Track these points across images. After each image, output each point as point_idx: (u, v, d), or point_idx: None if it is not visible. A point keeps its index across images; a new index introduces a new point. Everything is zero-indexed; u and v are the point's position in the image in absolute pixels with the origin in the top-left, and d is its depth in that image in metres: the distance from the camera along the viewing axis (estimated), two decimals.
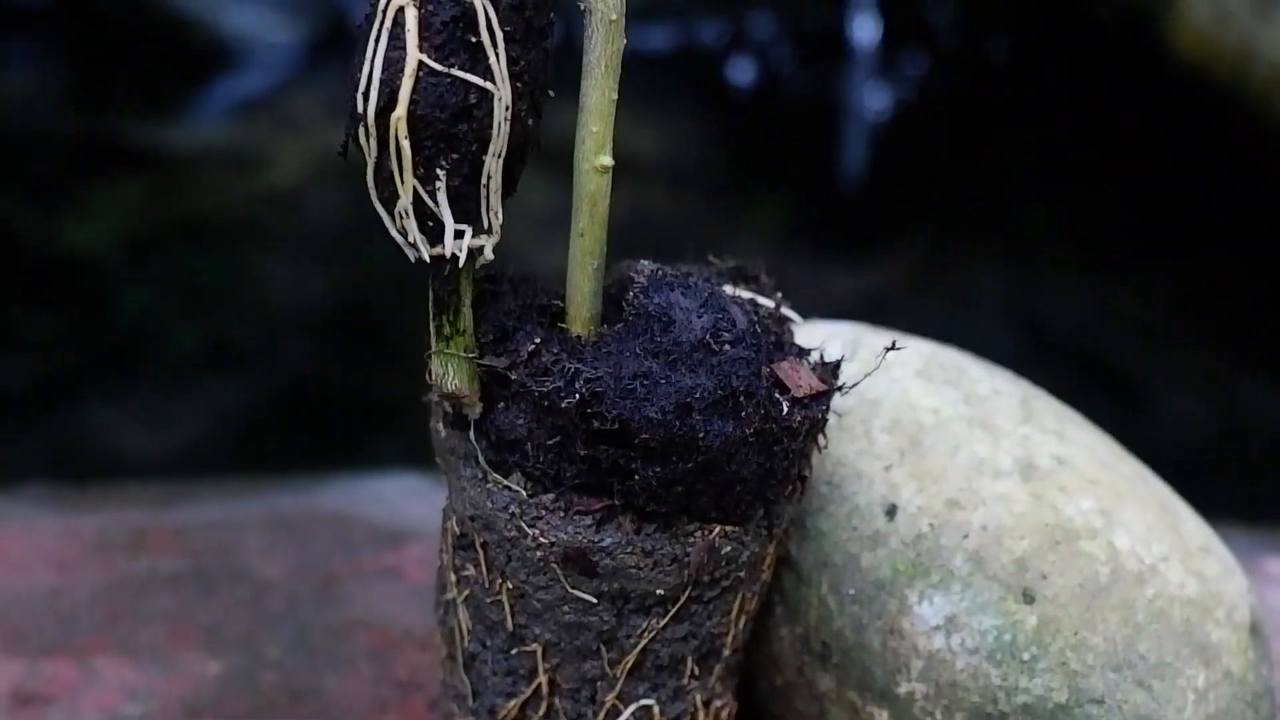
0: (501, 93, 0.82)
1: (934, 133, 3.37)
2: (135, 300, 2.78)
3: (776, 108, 3.41)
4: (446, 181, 0.83)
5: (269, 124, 3.45)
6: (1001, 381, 1.11)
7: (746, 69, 3.54)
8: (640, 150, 3.15)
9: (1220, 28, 2.73)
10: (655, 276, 0.92)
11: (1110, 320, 2.65)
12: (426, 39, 0.81)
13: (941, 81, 3.47)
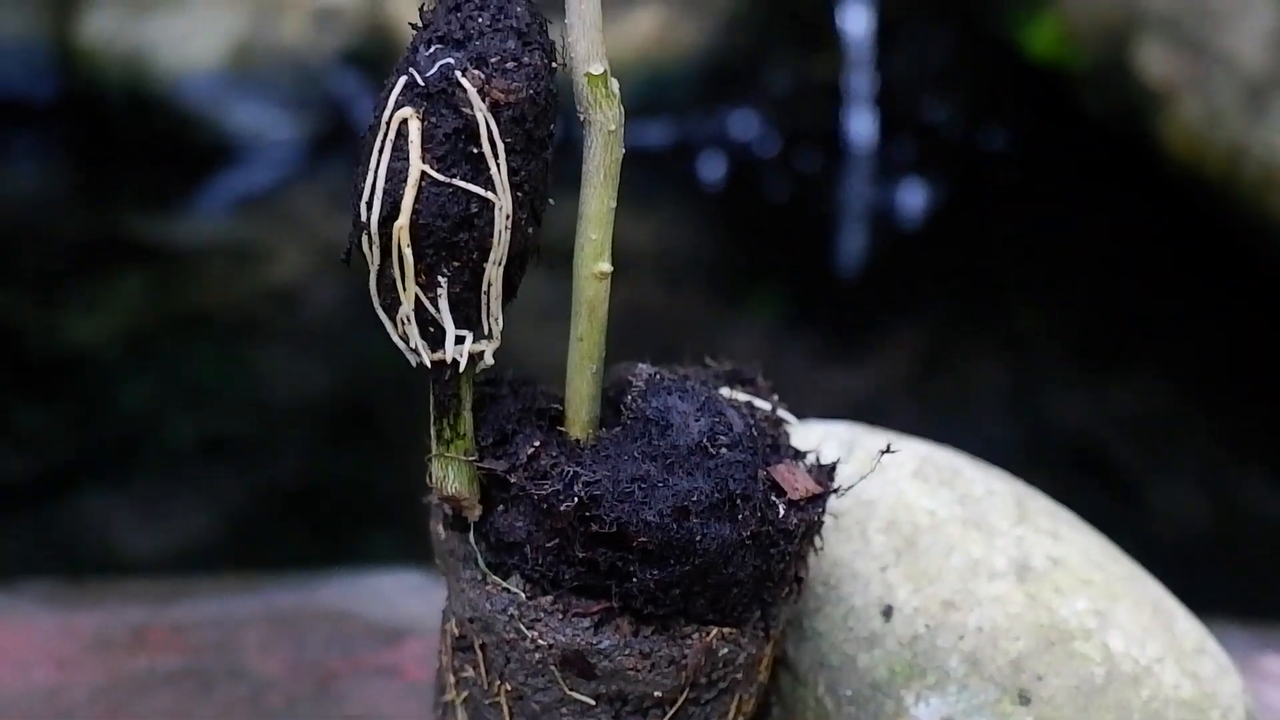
0: (502, 202, 0.84)
1: (931, 227, 3.40)
2: (135, 394, 2.79)
3: (773, 203, 3.44)
4: (448, 288, 0.85)
5: (270, 220, 3.48)
6: (996, 482, 1.12)
7: (742, 165, 3.57)
8: (637, 246, 3.18)
9: (1211, 126, 2.77)
10: (653, 380, 0.93)
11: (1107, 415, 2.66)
12: (429, 150, 0.82)
13: (938, 177, 3.50)
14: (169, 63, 3.52)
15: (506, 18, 0.84)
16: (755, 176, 3.53)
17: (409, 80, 0.83)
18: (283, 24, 3.59)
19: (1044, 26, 3.31)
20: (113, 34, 3.55)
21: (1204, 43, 2.81)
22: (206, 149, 3.51)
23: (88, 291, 3.07)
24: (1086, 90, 3.26)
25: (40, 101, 3.62)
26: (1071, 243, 3.24)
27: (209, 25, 3.56)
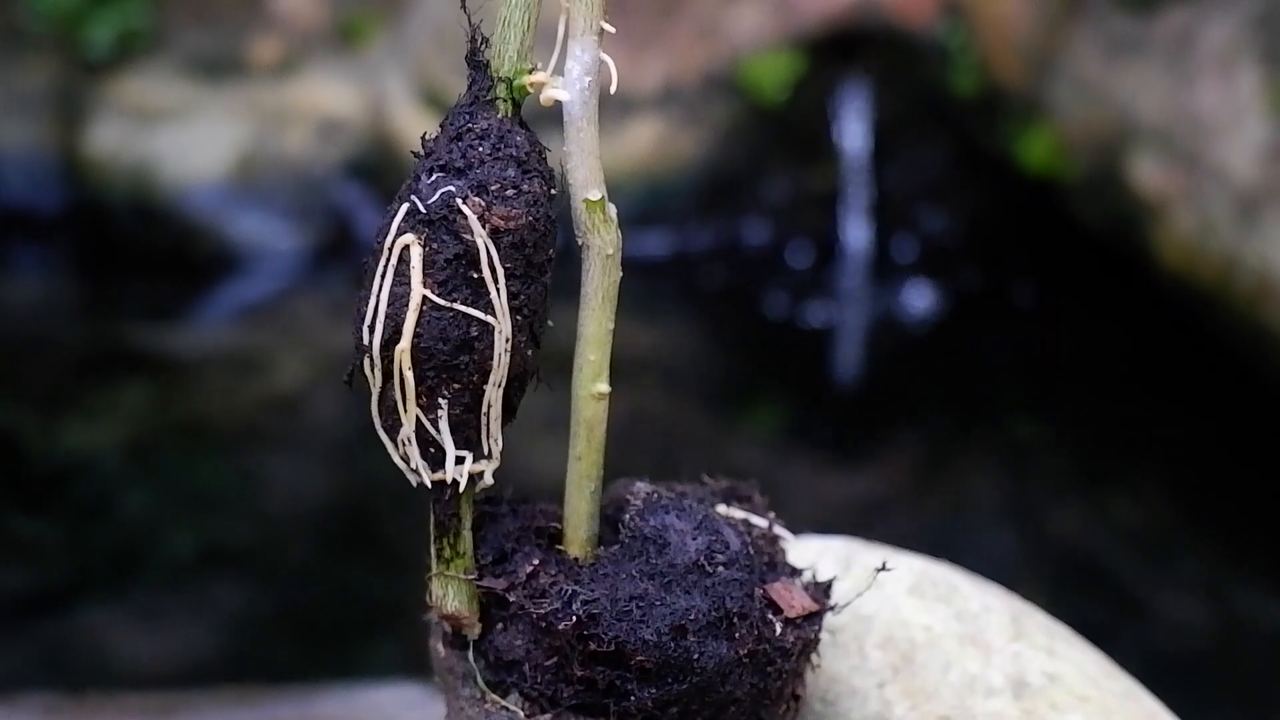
0: (502, 326, 0.85)
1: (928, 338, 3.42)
2: (134, 504, 2.80)
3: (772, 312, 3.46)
4: (448, 410, 0.86)
5: (272, 329, 3.50)
6: (992, 597, 1.13)
7: (741, 275, 3.60)
8: (637, 354, 3.19)
9: (1204, 237, 2.80)
10: (650, 499, 0.94)
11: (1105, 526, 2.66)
12: (431, 275, 0.84)
13: (935, 287, 3.52)
14: (174, 174, 3.56)
15: (507, 146, 0.86)
16: (754, 286, 3.56)
17: (411, 207, 0.85)
18: (287, 136, 3.63)
19: (1038, 139, 3.35)
20: (119, 146, 3.59)
21: (1196, 155, 2.85)
22: (210, 259, 3.54)
23: (89, 401, 3.08)
24: (1081, 201, 3.30)
25: (46, 213, 3.65)
26: (1068, 352, 3.25)
27: (214, 137, 3.61)
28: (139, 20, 3.63)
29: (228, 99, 3.65)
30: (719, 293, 3.55)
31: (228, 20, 3.70)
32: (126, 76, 3.66)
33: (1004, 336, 3.35)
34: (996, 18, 3.40)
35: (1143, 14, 3.13)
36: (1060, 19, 3.34)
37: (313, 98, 3.66)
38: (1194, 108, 2.88)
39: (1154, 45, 3.05)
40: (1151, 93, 3.00)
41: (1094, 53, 3.22)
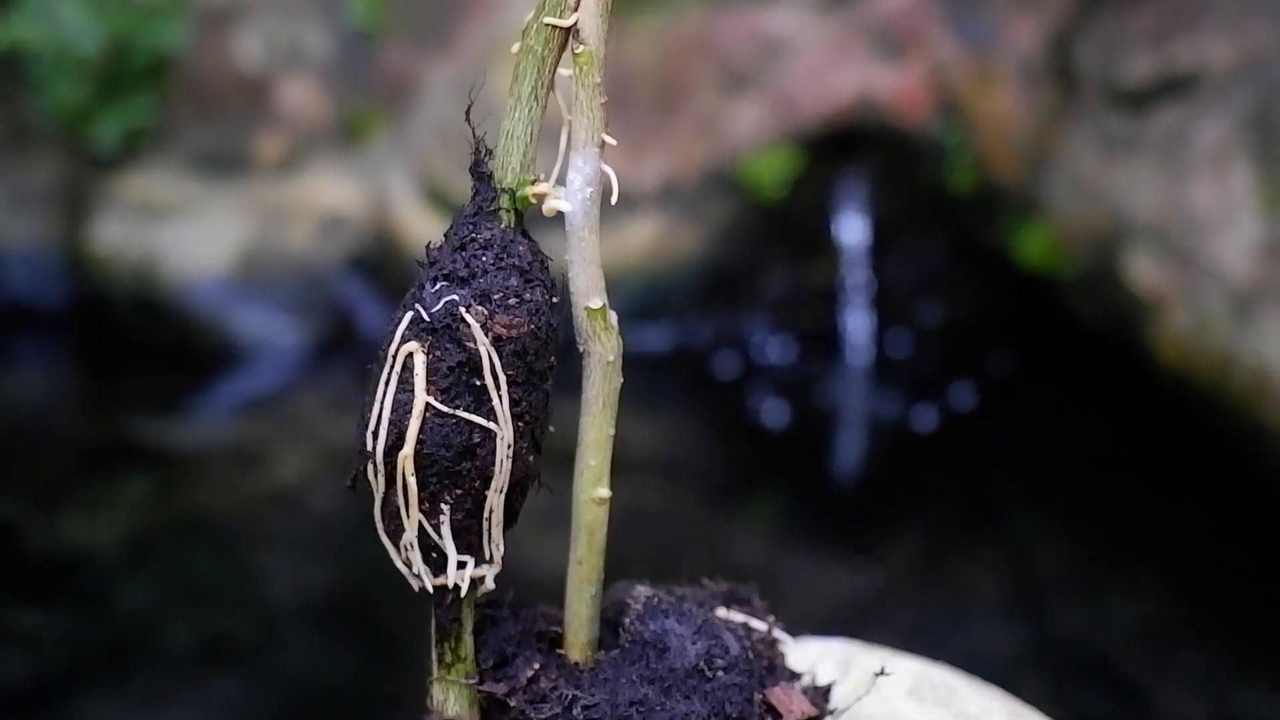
0: (504, 432, 0.87)
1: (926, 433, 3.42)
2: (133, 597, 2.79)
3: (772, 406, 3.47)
4: (450, 515, 0.87)
5: (273, 423, 3.51)
6: (991, 700, 1.13)
7: (741, 367, 3.61)
8: (637, 447, 3.20)
9: (1200, 334, 2.81)
10: (650, 603, 0.95)
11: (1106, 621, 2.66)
12: (434, 382, 0.86)
13: (933, 382, 3.54)
14: (177, 270, 3.58)
15: (509, 256, 0.88)
16: (754, 381, 3.57)
17: (415, 315, 0.86)
18: (290, 231, 3.66)
19: (1034, 235, 3.38)
20: (123, 242, 3.62)
21: (1191, 253, 2.87)
22: (212, 354, 3.56)
23: (89, 494, 3.09)
24: (1078, 297, 3.32)
25: (50, 307, 3.68)
26: (1067, 447, 3.26)
27: (218, 233, 3.63)
28: (145, 117, 3.67)
29: (232, 195, 3.68)
30: (719, 387, 3.56)
31: (233, 117, 3.74)
32: (132, 172, 3.69)
33: (1002, 431, 3.36)
34: (992, 116, 3.44)
35: (1136, 113, 3.17)
36: (1055, 117, 3.38)
37: (316, 194, 3.69)
38: (1188, 205, 2.91)
39: (1148, 144, 3.09)
40: (1146, 190, 3.03)
41: (1089, 151, 3.25)
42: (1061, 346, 3.46)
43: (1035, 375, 3.51)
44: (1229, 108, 2.92)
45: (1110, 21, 3.33)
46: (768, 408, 3.45)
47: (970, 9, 3.51)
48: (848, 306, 3.60)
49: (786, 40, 3.54)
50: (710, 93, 3.56)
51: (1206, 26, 3.09)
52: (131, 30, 3.60)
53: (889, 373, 3.59)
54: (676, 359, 3.63)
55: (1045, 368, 3.52)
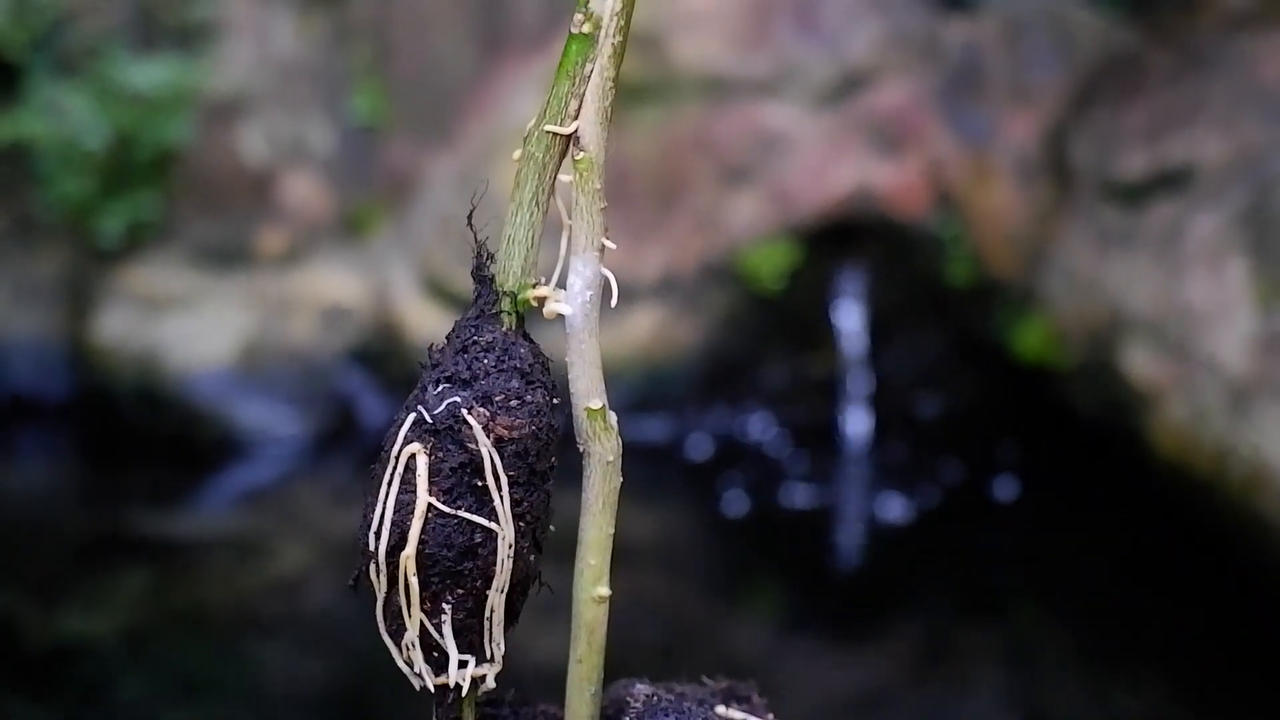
0: (506, 532, 0.88)
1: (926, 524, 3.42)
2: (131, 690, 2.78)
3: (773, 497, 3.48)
4: (452, 615, 0.88)
5: (274, 514, 3.51)
6: None
7: (739, 458, 3.62)
8: (638, 539, 3.20)
9: (1197, 426, 2.82)
10: (650, 701, 0.95)
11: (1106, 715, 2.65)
12: (436, 483, 0.87)
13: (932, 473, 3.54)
14: (180, 361, 3.60)
15: (510, 359, 0.89)
16: (753, 471, 3.58)
17: (418, 417, 0.88)
18: (292, 323, 3.68)
19: (1032, 328, 3.40)
20: (126, 334, 3.64)
21: (1187, 346, 2.89)
22: (213, 445, 3.57)
23: (89, 587, 3.08)
24: (1075, 389, 3.33)
25: (52, 399, 3.69)
26: (1066, 538, 3.26)
27: (220, 325, 3.65)
28: (149, 211, 3.71)
29: (234, 287, 3.70)
30: (718, 478, 3.57)
31: (236, 211, 3.78)
32: (135, 266, 3.72)
33: (1001, 523, 3.36)
34: (989, 210, 3.47)
35: (1132, 207, 3.20)
36: (1052, 212, 3.41)
37: (318, 286, 3.71)
38: (1184, 299, 2.93)
39: (1144, 238, 3.12)
40: (1142, 284, 3.05)
41: (1085, 244, 3.28)
42: (1060, 438, 3.47)
43: (1034, 467, 3.52)
44: (1223, 203, 2.95)
45: (1105, 118, 3.37)
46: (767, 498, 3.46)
47: (967, 105, 3.56)
48: (846, 398, 3.61)
49: (785, 135, 3.58)
50: (709, 187, 3.60)
51: (1199, 123, 3.13)
52: (137, 125, 3.64)
53: (888, 464, 3.59)
54: (675, 450, 3.64)
55: (1044, 459, 3.53)
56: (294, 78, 3.84)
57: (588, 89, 0.91)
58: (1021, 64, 3.58)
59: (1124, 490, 3.23)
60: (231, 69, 3.80)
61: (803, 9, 3.67)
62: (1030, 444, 3.57)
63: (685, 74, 3.62)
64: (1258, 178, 2.91)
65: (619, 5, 0.90)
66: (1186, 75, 3.30)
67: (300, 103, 3.84)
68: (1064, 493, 3.43)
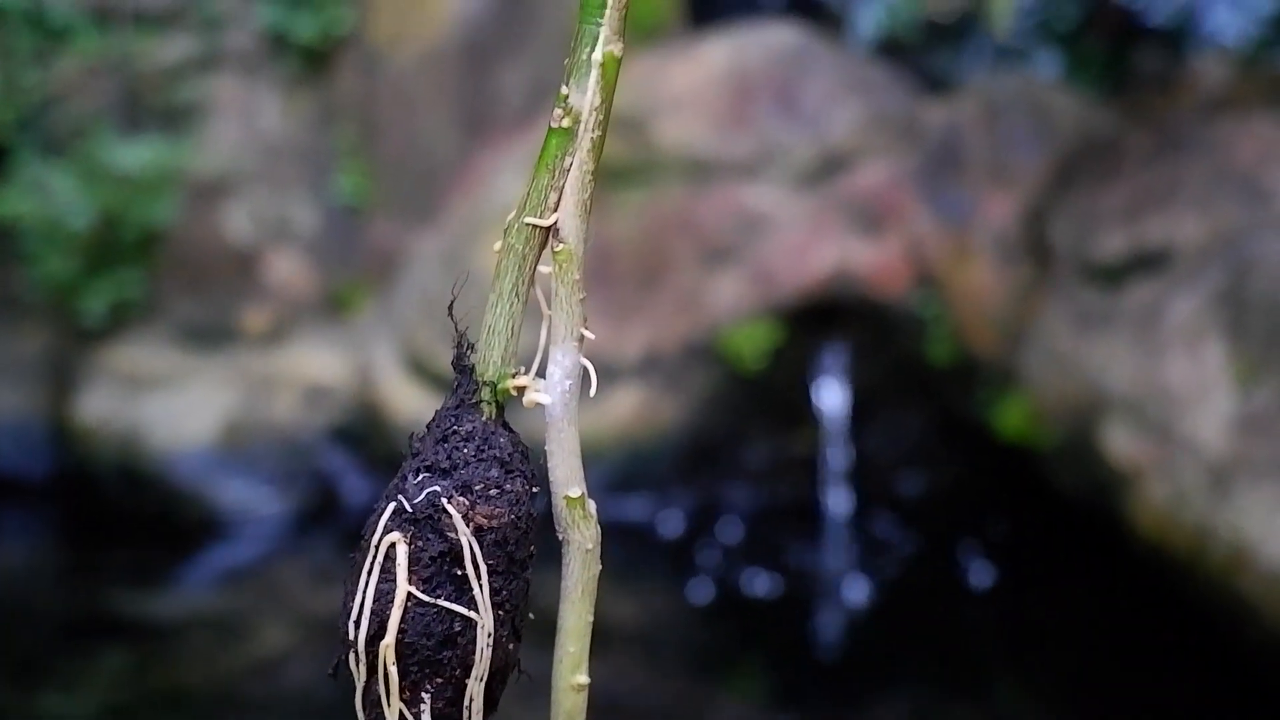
0: (485, 621, 0.88)
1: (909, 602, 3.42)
2: None
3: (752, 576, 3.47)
4: (431, 704, 0.88)
5: (255, 594, 3.50)
6: None
7: (721, 537, 3.62)
8: (619, 620, 3.19)
9: (1177, 507, 2.83)
10: None
11: None
12: (415, 572, 0.87)
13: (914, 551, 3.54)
14: (162, 440, 3.60)
15: (490, 448, 0.90)
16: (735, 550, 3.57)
17: (398, 506, 0.88)
18: (274, 402, 3.68)
19: (1012, 407, 3.42)
20: (109, 413, 3.64)
21: (1167, 426, 2.90)
22: (195, 524, 3.56)
23: (69, 667, 3.07)
24: (1056, 468, 3.34)
25: (34, 479, 3.68)
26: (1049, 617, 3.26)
27: (202, 404, 3.66)
28: (133, 290, 3.72)
29: (217, 366, 3.71)
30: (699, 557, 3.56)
31: (220, 290, 3.79)
32: (119, 345, 3.72)
33: (983, 601, 3.36)
34: (969, 290, 3.50)
35: (1111, 288, 3.23)
36: (1032, 291, 3.43)
37: (301, 365, 3.72)
38: (1163, 380, 2.95)
39: (1123, 319, 3.14)
40: (1122, 364, 3.07)
41: (1065, 324, 3.30)
42: (1042, 516, 3.47)
43: (1016, 545, 3.52)
44: (1200, 284, 2.97)
45: (1083, 199, 3.41)
46: (748, 578, 3.45)
47: (946, 185, 3.59)
48: (828, 477, 3.62)
49: (766, 216, 3.61)
50: (692, 267, 3.62)
51: (1177, 205, 3.16)
52: (122, 205, 3.65)
53: (870, 543, 3.59)
54: (658, 528, 3.64)
55: (1026, 537, 3.53)
56: (279, 157, 3.87)
57: (567, 182, 0.93)
58: (1000, 145, 3.62)
59: (1106, 569, 3.23)
60: (217, 149, 3.82)
61: (783, 91, 3.71)
62: (1012, 522, 3.58)
63: (668, 156, 3.65)
64: (1234, 259, 2.94)
65: (598, 101, 0.92)
66: (1164, 157, 3.33)
67: (285, 182, 3.87)
68: (1046, 571, 3.43)
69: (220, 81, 3.85)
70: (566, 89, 0.92)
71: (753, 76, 3.73)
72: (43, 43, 3.69)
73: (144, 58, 3.77)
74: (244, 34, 3.86)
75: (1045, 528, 3.48)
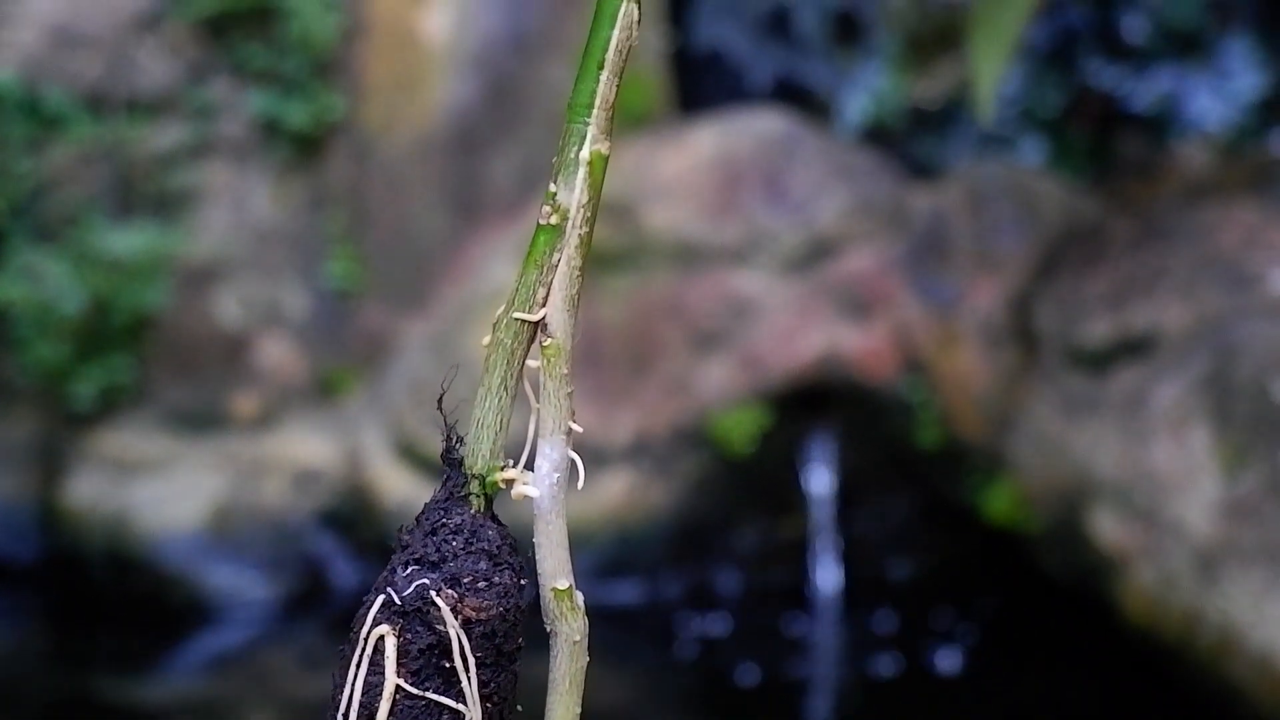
0: (473, 714, 0.88)
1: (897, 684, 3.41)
2: None
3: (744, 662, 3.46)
4: None
5: (243, 679, 3.49)
6: None
7: (711, 623, 3.61)
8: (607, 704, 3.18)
9: (1166, 591, 2.84)
10: None
11: None
12: (404, 664, 0.88)
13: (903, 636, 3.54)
14: (150, 525, 3.60)
15: (479, 541, 0.91)
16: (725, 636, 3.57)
17: (387, 599, 0.89)
18: (263, 486, 3.68)
19: (1000, 491, 3.43)
20: (97, 497, 3.64)
21: (1154, 511, 2.91)
22: (183, 609, 3.55)
23: None
24: (1044, 553, 3.35)
25: (21, 563, 3.67)
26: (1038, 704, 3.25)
27: (191, 488, 3.66)
28: (123, 375, 3.73)
29: (207, 451, 3.71)
30: (689, 643, 3.56)
31: (210, 374, 3.80)
32: (108, 429, 3.73)
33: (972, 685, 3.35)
34: (956, 374, 3.52)
35: (1096, 373, 3.25)
36: (1018, 376, 3.45)
37: (290, 449, 3.72)
38: (1149, 465, 2.96)
39: (1109, 404, 3.16)
40: (1108, 449, 3.09)
41: (1052, 409, 3.32)
42: (1030, 601, 3.47)
43: (1005, 630, 3.52)
44: (1185, 370, 3.00)
45: (1068, 284, 3.43)
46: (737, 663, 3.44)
47: (933, 271, 3.62)
48: (817, 561, 3.62)
49: (755, 301, 3.63)
50: (680, 351, 3.64)
51: (1161, 291, 3.19)
52: (114, 291, 3.67)
53: (859, 628, 3.59)
54: (647, 614, 3.63)
55: (1015, 623, 3.53)
56: (270, 243, 3.89)
57: (555, 277, 0.94)
58: (986, 231, 3.65)
59: (1095, 653, 3.23)
60: (208, 234, 3.85)
61: (771, 178, 3.74)
62: (1001, 607, 3.57)
63: (657, 241, 3.68)
64: (1219, 345, 2.96)
65: (585, 198, 0.93)
66: (1148, 243, 3.36)
67: (276, 267, 3.89)
68: (1035, 655, 3.43)
69: (212, 168, 3.88)
70: (554, 186, 0.93)
71: (741, 163, 3.77)
72: (37, 130, 3.72)
73: (137, 145, 3.80)
74: (236, 121, 3.90)
75: (1035, 611, 3.48)
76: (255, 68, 3.88)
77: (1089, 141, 4.15)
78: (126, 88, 3.83)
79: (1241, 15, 4.22)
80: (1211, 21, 4.19)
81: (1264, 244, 3.18)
